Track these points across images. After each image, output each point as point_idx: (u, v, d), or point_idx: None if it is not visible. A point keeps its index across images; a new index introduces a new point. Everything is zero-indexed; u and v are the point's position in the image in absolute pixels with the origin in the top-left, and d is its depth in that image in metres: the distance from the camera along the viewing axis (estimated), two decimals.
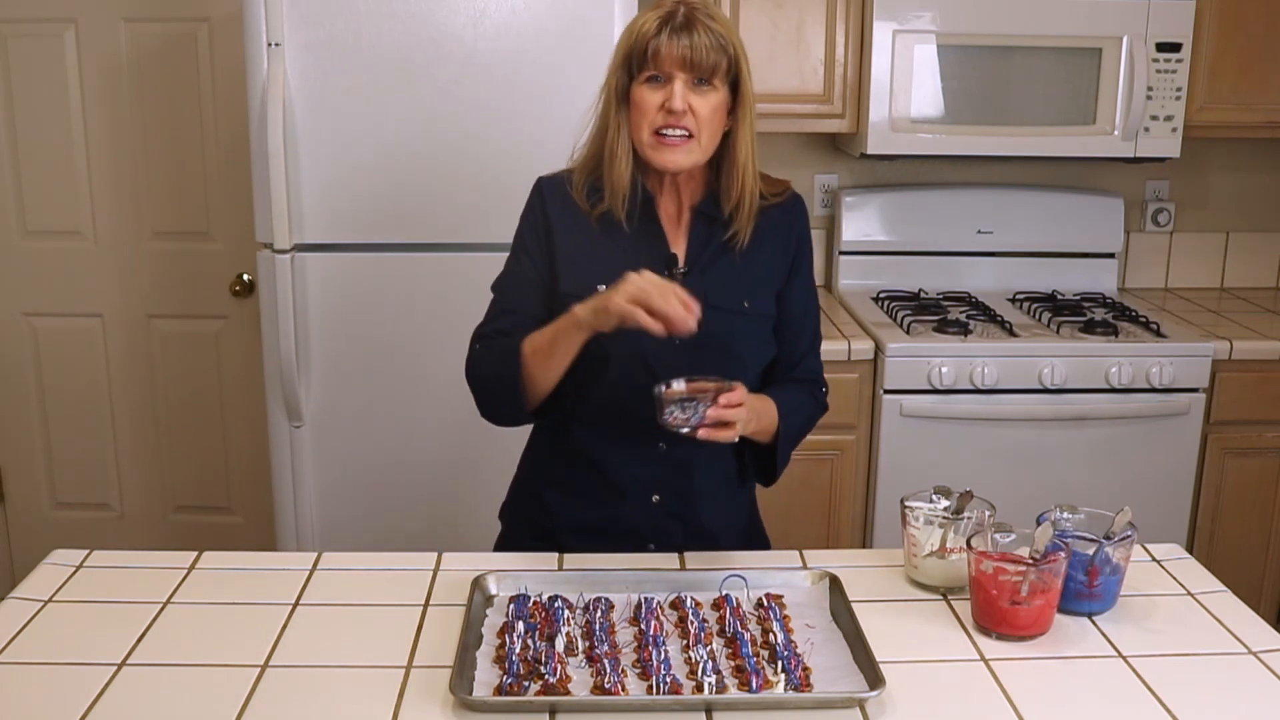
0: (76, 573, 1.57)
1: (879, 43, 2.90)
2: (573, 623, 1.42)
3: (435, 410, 2.64)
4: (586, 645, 1.36)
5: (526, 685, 1.28)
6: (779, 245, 1.73)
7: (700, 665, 1.31)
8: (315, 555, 1.63)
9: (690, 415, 1.48)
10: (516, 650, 1.33)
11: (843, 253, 3.30)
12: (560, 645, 1.35)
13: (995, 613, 1.41)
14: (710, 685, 1.28)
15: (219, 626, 1.43)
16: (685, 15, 1.58)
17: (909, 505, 1.57)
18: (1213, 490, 2.94)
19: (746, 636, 1.38)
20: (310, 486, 2.69)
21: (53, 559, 1.61)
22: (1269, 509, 2.97)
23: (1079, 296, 3.24)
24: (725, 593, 1.50)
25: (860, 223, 3.28)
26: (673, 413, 1.48)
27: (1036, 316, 3.04)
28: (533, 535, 1.77)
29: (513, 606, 1.45)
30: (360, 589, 1.54)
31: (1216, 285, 3.52)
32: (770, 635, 1.39)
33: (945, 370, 2.77)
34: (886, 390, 2.79)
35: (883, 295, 3.19)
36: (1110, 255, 3.35)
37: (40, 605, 1.48)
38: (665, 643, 1.37)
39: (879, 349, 2.81)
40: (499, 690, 1.27)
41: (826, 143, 3.35)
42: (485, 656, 1.35)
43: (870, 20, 2.90)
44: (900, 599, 1.53)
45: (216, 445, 3.39)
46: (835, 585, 1.51)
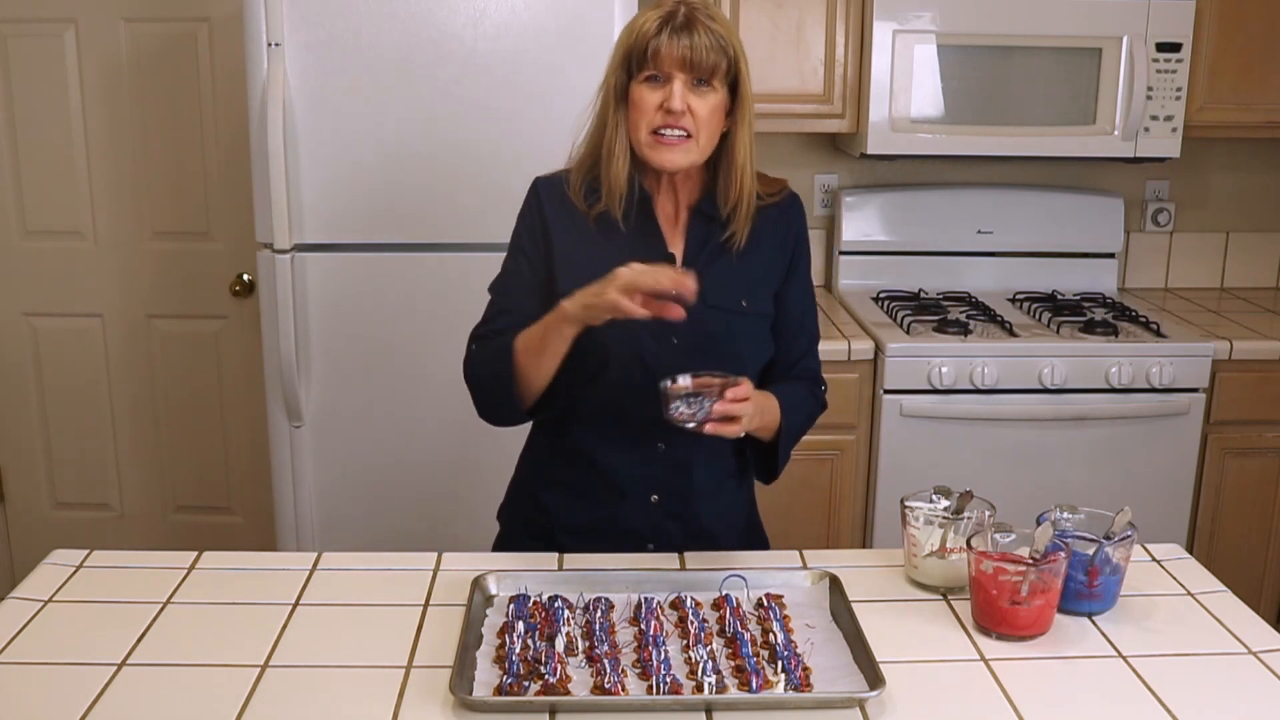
0: (76, 573, 1.57)
1: (879, 43, 2.90)
2: (573, 623, 1.41)
3: (435, 410, 2.64)
4: (586, 645, 1.36)
5: (526, 685, 1.28)
6: (777, 245, 1.72)
7: (700, 665, 1.31)
8: (315, 555, 1.63)
9: (696, 410, 1.47)
10: (516, 650, 1.33)
11: (843, 253, 3.30)
12: (560, 645, 1.35)
13: (995, 613, 1.41)
14: (710, 685, 1.28)
15: (219, 626, 1.43)
16: (686, 15, 1.57)
17: (909, 505, 1.57)
18: (1213, 490, 2.94)
19: (746, 636, 1.38)
20: (310, 486, 2.69)
21: (53, 559, 1.61)
22: (1269, 509, 2.97)
23: (1079, 296, 3.24)
24: (725, 593, 1.49)
25: (860, 223, 3.28)
26: (678, 408, 1.48)
27: (1036, 316, 3.04)
28: (531, 535, 1.76)
29: (513, 606, 1.45)
30: (360, 589, 1.54)
31: (1216, 285, 3.52)
32: (770, 635, 1.39)
33: (945, 370, 2.77)
34: (886, 390, 2.79)
35: (883, 295, 3.19)
36: (1110, 255, 3.35)
37: (40, 605, 1.48)
38: (665, 643, 1.37)
39: (879, 349, 2.81)
40: (499, 690, 1.27)
41: (826, 143, 3.35)
42: (485, 656, 1.35)
43: (870, 20, 2.90)
44: (900, 599, 1.53)
45: (216, 445, 3.39)
46: (835, 585, 1.51)
